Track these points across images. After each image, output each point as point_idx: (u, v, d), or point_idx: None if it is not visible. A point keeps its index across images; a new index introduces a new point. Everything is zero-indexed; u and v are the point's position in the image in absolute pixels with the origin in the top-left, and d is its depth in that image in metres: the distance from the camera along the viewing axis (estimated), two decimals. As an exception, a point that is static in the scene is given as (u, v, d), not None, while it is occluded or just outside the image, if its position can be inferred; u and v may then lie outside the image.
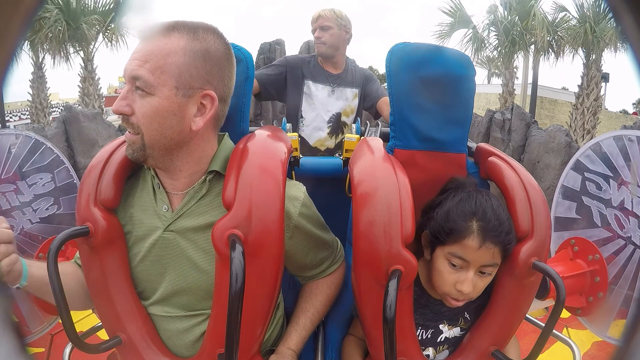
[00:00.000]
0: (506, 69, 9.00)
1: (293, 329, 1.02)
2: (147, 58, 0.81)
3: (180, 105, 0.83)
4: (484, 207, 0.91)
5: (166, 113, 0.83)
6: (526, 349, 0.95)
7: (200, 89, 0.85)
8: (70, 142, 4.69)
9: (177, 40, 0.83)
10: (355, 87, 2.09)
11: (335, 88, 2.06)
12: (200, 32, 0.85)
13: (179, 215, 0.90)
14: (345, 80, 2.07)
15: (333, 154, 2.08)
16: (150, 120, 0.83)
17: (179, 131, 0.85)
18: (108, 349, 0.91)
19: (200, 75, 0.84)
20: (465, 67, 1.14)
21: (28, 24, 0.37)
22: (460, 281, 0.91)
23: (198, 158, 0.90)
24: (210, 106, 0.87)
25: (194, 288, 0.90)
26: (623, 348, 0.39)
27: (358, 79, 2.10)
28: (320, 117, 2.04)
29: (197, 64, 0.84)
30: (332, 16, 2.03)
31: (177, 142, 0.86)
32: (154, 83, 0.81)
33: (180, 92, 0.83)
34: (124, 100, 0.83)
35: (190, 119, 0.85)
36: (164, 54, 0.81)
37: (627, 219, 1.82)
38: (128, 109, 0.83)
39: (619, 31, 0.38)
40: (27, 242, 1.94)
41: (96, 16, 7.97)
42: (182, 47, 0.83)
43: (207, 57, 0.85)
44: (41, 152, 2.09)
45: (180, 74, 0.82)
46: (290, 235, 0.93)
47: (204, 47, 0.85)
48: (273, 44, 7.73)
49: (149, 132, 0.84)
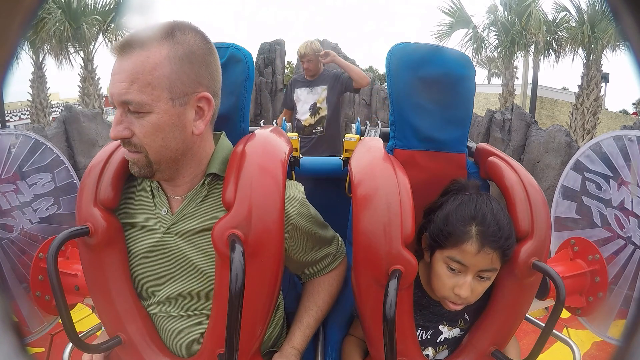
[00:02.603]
0: (506, 69, 8.99)
1: (297, 328, 1.01)
2: (133, 78, 0.77)
3: (179, 114, 0.82)
4: (484, 211, 0.91)
5: (168, 127, 0.81)
6: (526, 349, 0.95)
7: (194, 93, 0.83)
8: (70, 142, 4.69)
9: (158, 51, 0.79)
10: (324, 84, 3.27)
11: (312, 88, 3.28)
12: (177, 35, 0.81)
13: (179, 218, 0.90)
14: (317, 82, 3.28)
15: (315, 128, 3.26)
16: (153, 137, 0.81)
17: (182, 140, 0.84)
18: (108, 349, 0.91)
19: (191, 79, 0.82)
20: (465, 67, 1.14)
21: (28, 24, 0.37)
22: (459, 285, 0.90)
23: (199, 159, 0.90)
24: (208, 107, 0.86)
25: (194, 290, 0.90)
26: (623, 348, 0.39)
27: (327, 79, 3.26)
28: (304, 107, 3.30)
29: (186, 69, 0.81)
30: (311, 52, 3.16)
31: (183, 150, 0.85)
32: (148, 101, 0.78)
33: (176, 103, 0.81)
34: (120, 125, 0.80)
35: (191, 124, 0.84)
36: (149, 69, 0.78)
37: (627, 219, 1.82)
38: (127, 132, 0.81)
39: (619, 31, 0.38)
40: (27, 242, 1.94)
41: (96, 16, 7.97)
42: (165, 56, 0.79)
43: (192, 59, 0.82)
44: (41, 152, 2.08)
45: (172, 85, 0.80)
46: (290, 235, 0.93)
47: (186, 49, 0.81)
48: (273, 44, 7.73)
49: (154, 149, 0.82)
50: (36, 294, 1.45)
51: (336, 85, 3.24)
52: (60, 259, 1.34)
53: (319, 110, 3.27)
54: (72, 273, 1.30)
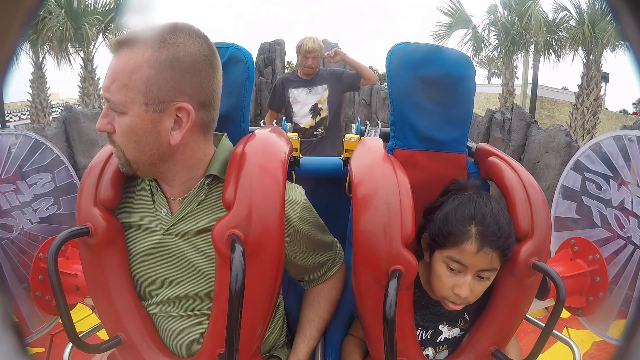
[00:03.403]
0: (506, 69, 8.99)
1: (301, 340, 1.02)
2: (114, 77, 0.78)
3: (153, 121, 0.80)
4: (483, 211, 0.91)
5: (140, 131, 0.80)
6: (526, 349, 0.95)
7: (172, 101, 0.80)
8: (70, 142, 4.69)
9: (142, 53, 0.77)
10: (325, 83, 3.06)
11: (311, 88, 3.06)
12: (168, 38, 0.78)
13: (178, 219, 0.90)
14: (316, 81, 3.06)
15: (316, 130, 3.09)
16: (127, 139, 0.81)
17: (157, 147, 0.82)
18: (108, 349, 0.91)
19: (169, 86, 0.79)
20: (465, 67, 1.14)
21: (28, 24, 0.37)
22: (458, 285, 0.90)
23: (189, 166, 0.88)
24: (187, 119, 0.81)
25: (194, 291, 0.90)
26: (623, 348, 0.39)
27: (326, 77, 3.06)
28: (304, 109, 3.08)
29: (165, 75, 0.78)
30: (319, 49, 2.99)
31: (159, 157, 0.84)
32: (123, 102, 0.78)
33: (150, 108, 0.79)
34: (104, 119, 0.82)
35: (167, 133, 0.81)
36: (129, 70, 0.77)
37: (627, 219, 1.82)
38: (110, 127, 0.82)
39: (619, 31, 0.38)
40: (27, 242, 1.94)
41: (97, 16, 7.97)
42: (146, 60, 0.77)
43: (175, 66, 0.78)
44: (41, 152, 2.08)
45: (147, 90, 0.78)
46: (290, 239, 0.93)
47: (171, 54, 0.78)
48: (273, 44, 7.73)
49: (128, 150, 0.83)
50: (36, 294, 1.45)
51: (338, 84, 3.07)
52: (60, 259, 1.34)
53: (320, 111, 3.09)
54: (72, 273, 1.30)
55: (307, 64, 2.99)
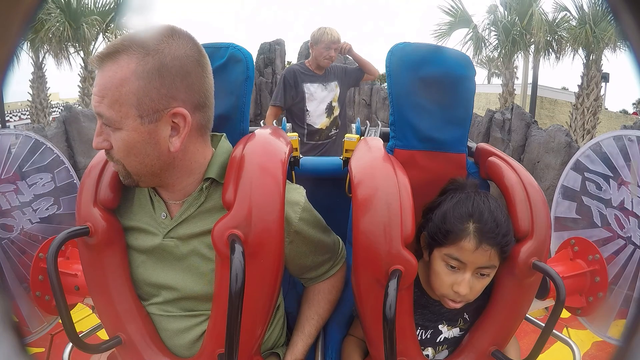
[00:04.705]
0: (506, 69, 8.99)
1: (299, 338, 1.02)
2: (103, 93, 0.76)
3: (150, 132, 0.79)
4: (481, 208, 0.91)
5: (139, 144, 0.79)
6: (526, 349, 0.95)
7: (167, 109, 0.79)
8: (70, 142, 4.70)
9: (126, 65, 0.75)
10: (336, 79, 2.89)
11: (326, 84, 2.84)
12: (151, 45, 0.76)
13: (178, 222, 0.89)
14: (328, 76, 2.85)
15: (330, 131, 2.88)
16: (126, 153, 0.80)
17: (157, 157, 0.82)
18: (108, 349, 0.91)
19: (161, 94, 0.77)
20: (465, 67, 1.14)
21: (28, 24, 0.37)
22: (457, 283, 0.91)
23: (189, 170, 0.88)
24: (184, 123, 0.81)
25: (194, 293, 0.90)
26: (623, 348, 0.39)
27: (337, 73, 2.89)
28: (320, 108, 2.82)
29: (155, 84, 0.77)
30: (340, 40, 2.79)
31: (160, 166, 0.83)
32: (116, 118, 0.77)
33: (145, 120, 0.78)
34: (100, 137, 0.81)
35: (166, 141, 0.81)
36: (116, 84, 0.75)
37: (627, 219, 1.82)
38: (107, 144, 0.81)
39: (619, 31, 0.38)
40: (27, 242, 1.94)
41: (96, 16, 7.96)
42: (132, 71, 0.75)
43: (163, 73, 0.77)
44: (41, 152, 2.08)
45: (140, 102, 0.76)
46: (291, 240, 0.93)
47: (157, 62, 0.76)
48: (273, 44, 7.73)
49: (129, 164, 0.82)
50: (36, 294, 1.45)
51: (345, 80, 2.91)
52: (60, 259, 1.34)
53: (334, 109, 2.85)
54: (72, 273, 1.30)
55: (328, 56, 2.72)
